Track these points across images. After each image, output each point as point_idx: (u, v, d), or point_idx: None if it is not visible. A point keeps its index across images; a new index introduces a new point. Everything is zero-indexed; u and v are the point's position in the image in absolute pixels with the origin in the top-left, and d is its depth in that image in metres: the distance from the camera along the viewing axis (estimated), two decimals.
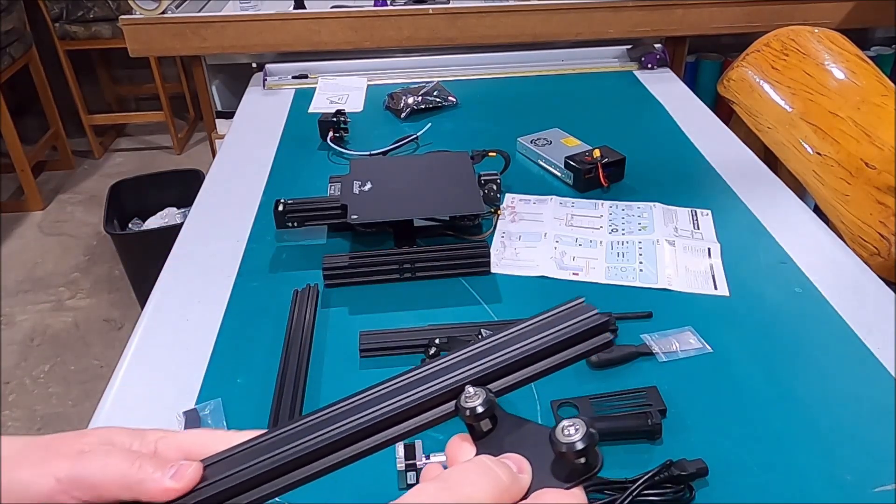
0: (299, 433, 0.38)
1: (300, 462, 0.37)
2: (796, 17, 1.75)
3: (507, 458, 0.35)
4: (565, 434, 0.33)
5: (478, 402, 0.36)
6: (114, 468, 0.38)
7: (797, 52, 1.21)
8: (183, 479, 0.37)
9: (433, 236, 1.01)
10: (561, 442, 0.33)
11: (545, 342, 0.39)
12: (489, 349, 0.39)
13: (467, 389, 0.37)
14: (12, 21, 2.77)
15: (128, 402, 0.77)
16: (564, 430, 0.33)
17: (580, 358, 0.38)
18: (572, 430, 0.33)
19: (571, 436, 0.33)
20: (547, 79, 1.61)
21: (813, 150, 1.11)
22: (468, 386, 0.37)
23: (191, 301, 0.92)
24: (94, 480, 0.37)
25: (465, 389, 0.37)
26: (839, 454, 0.67)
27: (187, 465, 0.38)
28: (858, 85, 1.12)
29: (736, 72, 1.29)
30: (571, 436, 0.33)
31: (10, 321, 2.31)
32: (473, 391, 0.37)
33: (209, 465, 0.38)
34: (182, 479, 0.37)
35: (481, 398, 0.36)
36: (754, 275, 0.93)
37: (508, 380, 0.39)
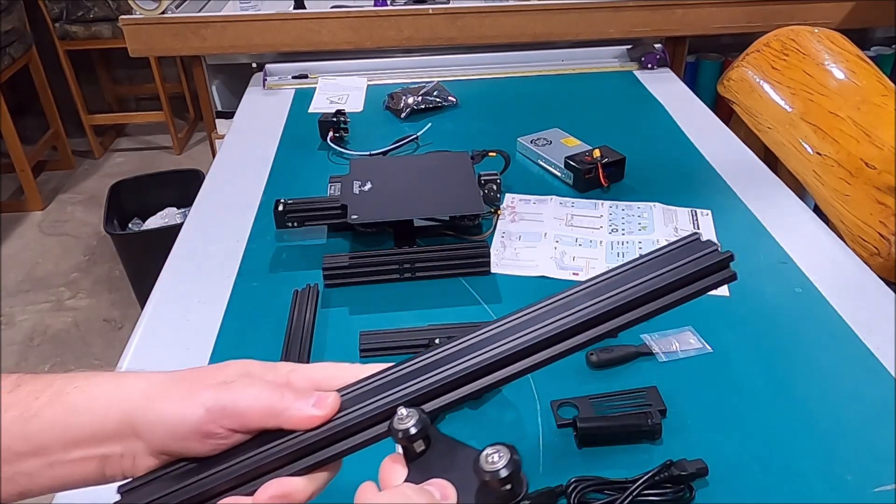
0: (429, 366, 0.40)
1: (432, 394, 0.38)
2: (796, 17, 1.75)
3: (432, 485, 0.35)
4: (489, 461, 0.33)
5: (410, 424, 0.36)
6: (259, 397, 0.40)
7: (797, 52, 1.20)
8: (325, 407, 0.39)
9: (433, 236, 1.01)
10: (485, 470, 0.33)
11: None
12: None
13: (399, 411, 0.37)
14: (12, 21, 2.77)
15: None
16: (488, 458, 0.33)
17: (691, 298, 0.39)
18: (496, 458, 0.33)
19: (495, 463, 0.33)
20: (547, 79, 1.61)
21: (813, 150, 1.11)
22: (400, 407, 0.37)
23: (191, 301, 0.92)
24: (241, 408, 0.39)
25: (399, 411, 0.37)
26: (839, 454, 0.67)
27: (327, 394, 0.40)
28: (858, 85, 1.12)
29: (736, 72, 1.29)
30: (495, 463, 0.33)
31: (10, 321, 2.31)
32: (406, 412, 0.37)
33: (344, 395, 0.40)
34: (324, 406, 0.39)
35: (414, 419, 0.36)
36: (754, 275, 0.93)
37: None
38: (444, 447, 0.37)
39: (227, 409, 0.39)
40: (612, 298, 0.38)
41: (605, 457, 0.67)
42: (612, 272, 0.40)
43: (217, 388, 0.41)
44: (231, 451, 0.40)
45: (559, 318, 0.38)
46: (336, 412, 0.39)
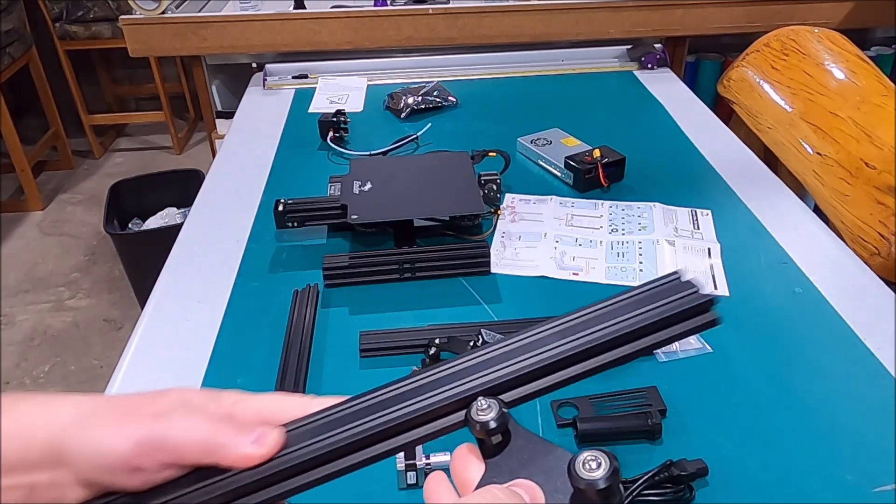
0: (382, 403, 0.36)
1: (377, 437, 0.35)
2: (796, 17, 1.75)
3: (519, 486, 0.32)
4: (586, 468, 0.30)
5: (490, 416, 0.33)
6: (194, 431, 0.36)
7: (797, 52, 1.20)
8: (265, 444, 0.36)
9: (433, 236, 1.01)
10: (581, 477, 0.30)
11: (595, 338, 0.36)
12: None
13: (479, 401, 0.34)
14: (12, 21, 2.76)
15: None
16: (586, 464, 0.30)
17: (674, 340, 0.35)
18: (594, 465, 0.30)
19: (593, 471, 0.30)
20: (547, 79, 1.61)
21: (813, 150, 1.11)
22: (480, 397, 0.34)
23: (191, 301, 0.92)
24: (174, 443, 0.36)
25: (478, 401, 0.34)
26: (839, 454, 0.67)
27: (269, 430, 0.37)
28: (858, 85, 1.12)
29: (736, 72, 1.29)
30: (593, 471, 0.30)
31: (10, 321, 2.31)
32: (486, 404, 0.34)
33: (289, 431, 0.37)
34: (264, 444, 0.36)
35: (494, 412, 0.34)
36: (754, 275, 0.93)
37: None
38: (523, 443, 0.34)
39: (158, 443, 0.36)
40: (504, 369, 0.36)
41: None
42: (586, 311, 0.38)
43: (150, 419, 0.37)
44: (164, 486, 0.36)
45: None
46: (279, 450, 0.36)
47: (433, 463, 0.65)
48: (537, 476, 0.32)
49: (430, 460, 0.65)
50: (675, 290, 0.36)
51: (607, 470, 0.30)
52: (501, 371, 0.36)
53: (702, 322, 0.35)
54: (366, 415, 0.36)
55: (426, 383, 0.37)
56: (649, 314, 0.35)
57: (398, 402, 0.36)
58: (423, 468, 0.64)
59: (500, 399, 0.35)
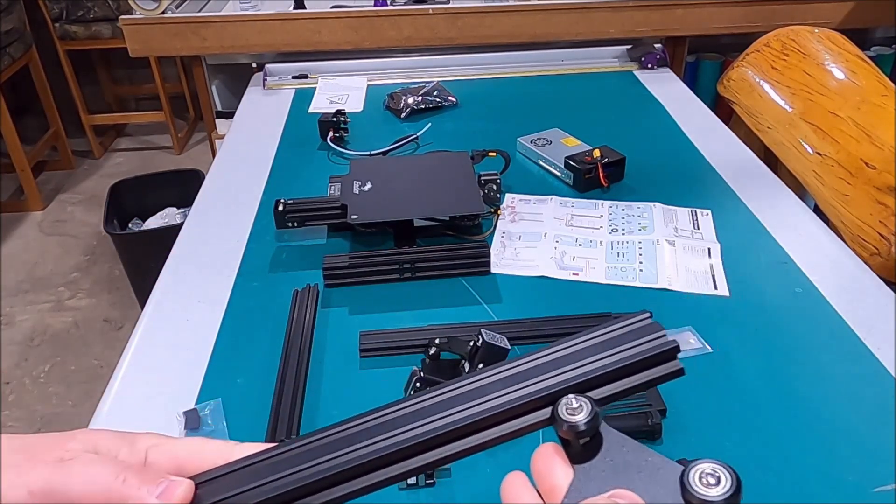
0: (313, 451, 0.32)
1: (313, 488, 0.31)
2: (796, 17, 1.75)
3: (620, 497, 0.29)
4: (704, 483, 0.26)
5: (581, 417, 0.30)
6: (95, 481, 0.34)
7: (797, 52, 1.20)
8: (171, 498, 0.33)
9: (433, 236, 1.01)
10: (697, 493, 0.26)
11: (610, 364, 0.32)
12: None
13: (569, 399, 0.31)
14: (12, 21, 2.77)
15: (128, 403, 0.77)
16: (703, 478, 0.26)
17: (643, 388, 0.32)
18: (713, 480, 0.26)
19: (711, 487, 0.26)
20: (547, 79, 1.61)
21: (813, 150, 1.11)
22: (571, 395, 0.31)
23: (191, 301, 0.92)
24: (73, 493, 0.33)
25: (567, 398, 0.31)
26: (839, 454, 0.67)
27: (177, 483, 0.34)
28: (858, 85, 1.12)
29: (736, 72, 1.29)
30: (711, 487, 0.26)
31: (10, 321, 2.31)
32: (577, 402, 0.31)
33: (201, 482, 0.34)
34: (170, 498, 0.33)
35: (586, 411, 0.30)
36: (754, 275, 0.93)
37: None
38: (616, 448, 0.30)
39: (55, 493, 0.33)
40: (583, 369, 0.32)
41: None
42: (554, 349, 0.34)
43: (50, 467, 0.34)
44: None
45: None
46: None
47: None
48: (637, 486, 0.29)
49: None
50: (640, 334, 0.33)
51: (729, 487, 0.26)
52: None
53: (666, 371, 0.32)
54: (297, 462, 0.32)
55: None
56: (614, 358, 0.32)
57: (343, 445, 0.32)
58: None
59: (591, 397, 0.31)
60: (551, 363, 0.33)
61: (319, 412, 0.74)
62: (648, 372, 0.32)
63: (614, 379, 0.32)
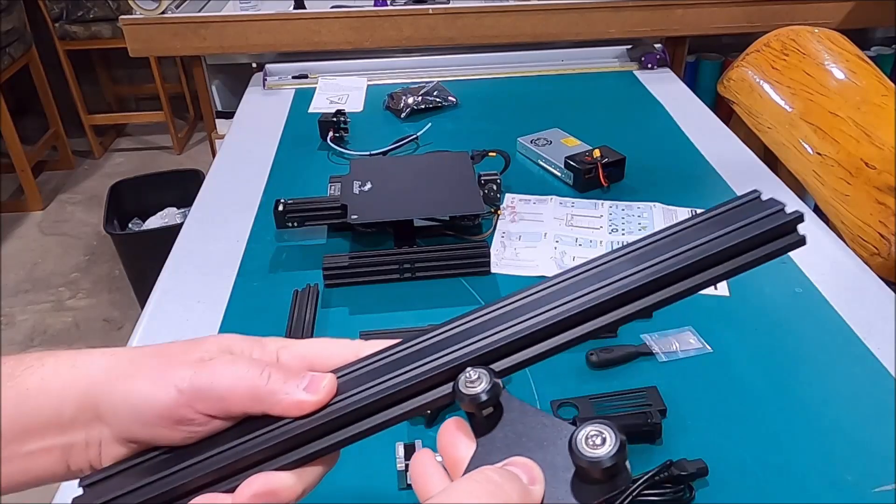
0: (434, 346, 0.34)
1: (431, 382, 0.33)
2: (796, 17, 1.75)
3: (514, 465, 0.29)
4: (590, 444, 0.27)
5: (481, 388, 0.31)
6: (242, 378, 0.34)
7: (797, 52, 1.20)
8: (318, 391, 0.34)
9: (433, 236, 1.01)
10: (584, 455, 0.27)
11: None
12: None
13: (468, 372, 0.32)
14: (12, 21, 2.77)
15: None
16: (589, 439, 0.27)
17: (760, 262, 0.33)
18: (598, 440, 0.27)
19: (597, 447, 0.27)
20: (547, 79, 1.61)
21: (813, 150, 1.11)
22: (469, 368, 0.32)
23: (191, 301, 0.92)
24: (220, 391, 0.33)
25: (466, 372, 0.32)
26: (839, 454, 0.67)
27: (321, 376, 0.34)
28: (858, 85, 1.12)
29: (736, 72, 1.29)
30: (597, 447, 0.27)
31: (10, 321, 2.31)
32: (476, 374, 0.31)
33: (341, 377, 0.34)
34: (317, 391, 0.34)
35: (484, 382, 0.31)
36: (754, 275, 0.93)
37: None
38: (517, 416, 0.31)
39: (203, 392, 0.33)
40: (666, 262, 0.34)
41: None
42: (662, 233, 0.36)
43: (193, 367, 0.35)
44: (209, 439, 0.34)
45: (617, 278, 0.34)
46: (332, 397, 0.34)
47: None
48: (535, 453, 0.29)
49: None
50: (750, 212, 0.34)
51: (613, 446, 0.27)
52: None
53: (787, 243, 0.33)
54: (416, 359, 0.34)
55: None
56: (732, 235, 0.33)
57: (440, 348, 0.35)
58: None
59: (491, 369, 0.32)
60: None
61: None
62: (766, 246, 0.33)
63: (720, 261, 0.34)
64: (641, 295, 0.33)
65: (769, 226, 0.33)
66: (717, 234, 0.34)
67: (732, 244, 0.33)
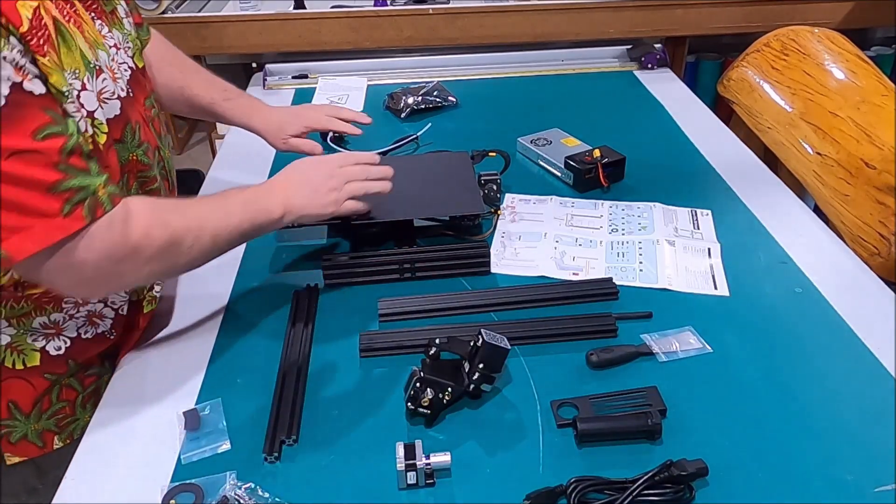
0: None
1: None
2: (796, 17, 1.75)
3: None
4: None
5: None
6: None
7: (797, 52, 1.20)
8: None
9: (433, 236, 1.01)
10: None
11: None
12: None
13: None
14: None
15: (128, 402, 0.77)
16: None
17: None
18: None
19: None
20: (547, 79, 1.61)
21: (813, 150, 1.11)
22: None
23: (191, 301, 0.92)
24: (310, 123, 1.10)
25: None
26: (839, 454, 0.67)
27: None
28: (858, 85, 1.12)
29: (736, 72, 1.29)
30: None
31: None
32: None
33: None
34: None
35: None
36: (754, 275, 0.93)
37: None
38: None
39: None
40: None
41: (605, 457, 0.67)
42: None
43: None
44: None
45: None
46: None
47: (433, 463, 0.65)
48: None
49: (430, 460, 0.65)
50: None
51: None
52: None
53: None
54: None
55: None
56: None
57: None
58: (423, 468, 0.64)
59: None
60: None
61: (319, 412, 0.74)
62: None
63: None
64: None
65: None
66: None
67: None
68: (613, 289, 0.89)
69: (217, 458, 0.69)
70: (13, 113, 0.58)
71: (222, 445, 0.70)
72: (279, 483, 0.66)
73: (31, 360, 0.76)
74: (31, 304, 0.74)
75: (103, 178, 0.64)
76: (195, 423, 0.72)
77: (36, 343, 0.75)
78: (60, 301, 0.76)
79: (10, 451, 0.79)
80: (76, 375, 0.80)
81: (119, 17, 0.83)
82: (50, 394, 0.78)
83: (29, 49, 0.59)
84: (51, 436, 0.80)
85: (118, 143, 0.73)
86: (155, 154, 0.82)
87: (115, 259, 0.64)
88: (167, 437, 0.72)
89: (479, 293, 0.90)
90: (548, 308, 0.87)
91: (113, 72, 0.74)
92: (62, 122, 0.62)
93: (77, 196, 0.61)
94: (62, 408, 0.80)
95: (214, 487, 0.64)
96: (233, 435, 0.71)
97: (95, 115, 0.68)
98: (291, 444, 0.70)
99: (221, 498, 0.63)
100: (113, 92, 0.72)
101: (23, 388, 0.76)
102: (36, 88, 0.60)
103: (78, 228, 0.61)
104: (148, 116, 0.82)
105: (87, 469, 0.69)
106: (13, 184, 0.58)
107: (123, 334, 0.83)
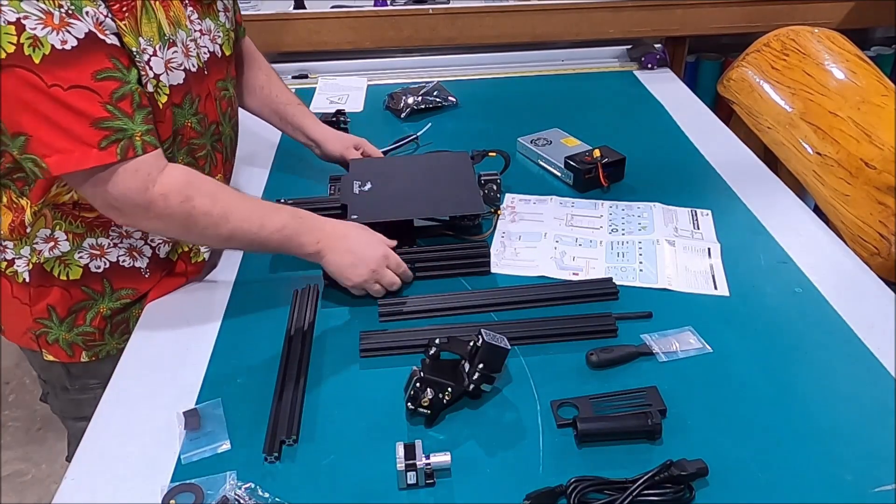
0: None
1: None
2: (796, 17, 1.75)
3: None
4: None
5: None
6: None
7: (797, 52, 1.20)
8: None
9: (433, 236, 1.01)
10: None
11: None
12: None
13: None
14: None
15: (128, 402, 0.77)
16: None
17: None
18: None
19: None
20: (547, 79, 1.61)
21: (813, 150, 1.11)
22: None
23: (191, 300, 0.92)
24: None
25: None
26: (839, 454, 0.67)
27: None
28: (858, 85, 1.12)
29: (736, 72, 1.29)
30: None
31: None
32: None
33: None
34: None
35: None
36: (754, 275, 0.93)
37: None
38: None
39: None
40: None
41: (605, 457, 0.67)
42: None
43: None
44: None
45: None
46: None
47: (433, 463, 0.65)
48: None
49: (430, 460, 0.65)
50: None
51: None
52: None
53: None
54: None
55: None
56: None
57: None
58: (423, 468, 0.64)
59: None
60: None
61: (319, 412, 0.74)
62: None
63: None
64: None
65: None
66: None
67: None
68: (613, 289, 0.89)
69: (217, 458, 0.69)
70: (82, 55, 0.70)
71: (222, 445, 0.70)
72: (279, 483, 0.66)
73: (74, 273, 0.87)
74: (85, 227, 0.85)
75: (144, 127, 0.74)
76: (195, 423, 0.72)
77: (81, 260, 0.86)
78: (108, 228, 0.86)
79: (46, 349, 0.91)
80: (109, 299, 0.89)
81: (216, 10, 0.93)
82: (85, 311, 0.89)
83: (110, 12, 0.73)
84: (79, 350, 0.91)
85: (176, 107, 0.84)
86: (211, 126, 0.91)
87: (129, 201, 0.74)
88: (167, 437, 0.72)
89: (479, 293, 0.90)
90: (548, 308, 0.87)
91: (187, 49, 0.85)
92: (123, 70, 0.73)
93: (115, 136, 0.72)
94: (92, 333, 0.90)
95: (214, 487, 0.64)
96: (233, 435, 0.71)
97: (161, 79, 0.80)
98: (291, 444, 0.70)
99: (221, 498, 0.63)
100: (180, 64, 0.83)
101: (62, 296, 0.87)
102: (107, 40, 0.72)
103: (108, 162, 0.72)
104: (216, 95, 0.92)
105: (87, 469, 0.69)
106: (68, 111, 0.69)
107: (157, 278, 0.92)
